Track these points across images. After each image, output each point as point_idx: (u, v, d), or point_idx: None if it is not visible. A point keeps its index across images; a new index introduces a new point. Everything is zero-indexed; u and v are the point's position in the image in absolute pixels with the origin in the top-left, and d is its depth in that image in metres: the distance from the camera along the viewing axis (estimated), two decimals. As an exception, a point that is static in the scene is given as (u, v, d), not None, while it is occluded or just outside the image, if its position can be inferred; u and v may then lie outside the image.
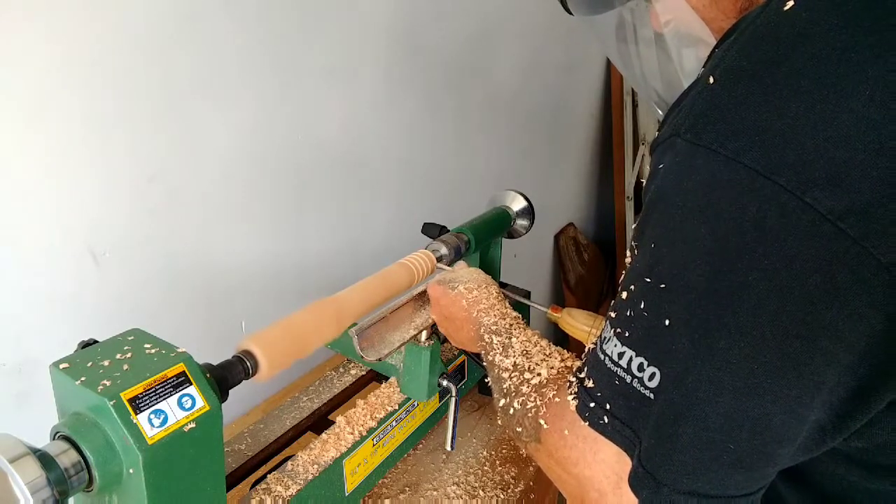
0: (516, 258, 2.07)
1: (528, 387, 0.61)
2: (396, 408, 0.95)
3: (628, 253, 0.51)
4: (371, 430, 0.91)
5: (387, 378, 1.04)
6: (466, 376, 1.09)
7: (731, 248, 0.41)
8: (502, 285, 1.19)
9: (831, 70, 0.39)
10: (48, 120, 0.82)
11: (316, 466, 0.83)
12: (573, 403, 0.52)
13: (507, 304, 0.81)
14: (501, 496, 0.95)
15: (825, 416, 0.42)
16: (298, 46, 1.14)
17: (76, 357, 0.59)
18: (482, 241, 1.04)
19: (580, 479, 0.51)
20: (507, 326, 0.74)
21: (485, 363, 0.74)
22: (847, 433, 0.44)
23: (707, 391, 0.42)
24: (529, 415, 0.58)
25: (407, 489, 0.96)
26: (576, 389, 0.52)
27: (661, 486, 0.44)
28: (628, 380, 0.47)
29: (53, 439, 0.56)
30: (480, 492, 0.96)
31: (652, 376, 0.45)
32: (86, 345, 0.62)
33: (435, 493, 0.95)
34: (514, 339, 0.71)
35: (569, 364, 0.64)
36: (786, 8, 0.43)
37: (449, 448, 0.94)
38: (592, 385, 0.50)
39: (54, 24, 0.80)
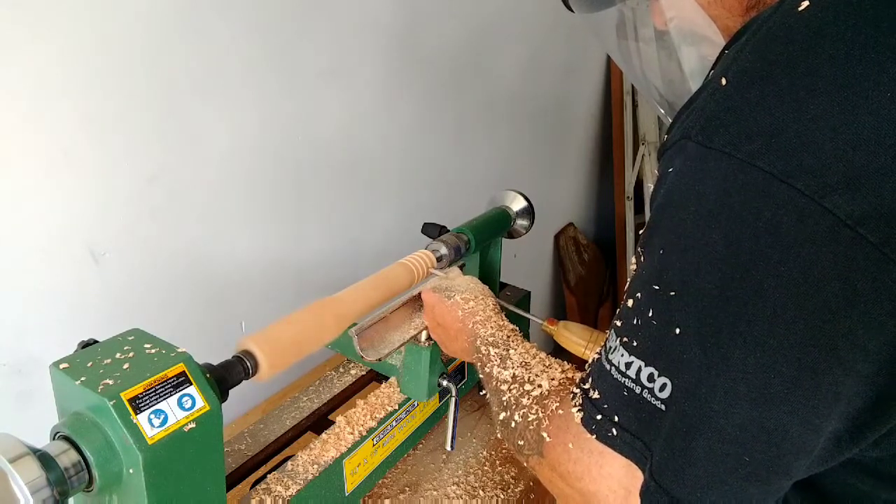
0: (516, 258, 2.06)
1: (528, 399, 0.59)
2: (396, 408, 0.95)
3: (633, 259, 0.49)
4: (371, 430, 0.90)
5: (387, 378, 1.04)
6: (466, 376, 1.09)
7: (745, 254, 0.39)
8: (502, 286, 1.19)
9: (850, 70, 0.38)
10: (48, 120, 0.82)
11: (316, 466, 0.83)
12: (578, 416, 0.50)
13: (504, 317, 0.79)
14: (501, 496, 0.95)
15: (842, 427, 0.41)
16: (298, 46, 1.14)
17: (76, 357, 0.59)
18: (482, 241, 1.03)
19: (584, 494, 0.49)
20: (505, 338, 0.73)
21: (481, 375, 0.73)
22: (864, 444, 0.42)
23: (721, 402, 0.41)
24: (531, 427, 0.56)
25: (407, 489, 0.96)
26: (580, 401, 0.51)
27: (674, 501, 0.43)
28: (638, 391, 0.45)
29: (53, 439, 0.56)
30: (480, 492, 0.95)
31: (663, 387, 0.44)
32: (86, 345, 0.62)
33: (435, 493, 0.95)
34: (511, 351, 0.70)
35: (570, 375, 0.63)
36: (801, 8, 0.41)
37: (449, 448, 0.94)
38: (598, 396, 0.49)
39: (54, 24, 0.80)
